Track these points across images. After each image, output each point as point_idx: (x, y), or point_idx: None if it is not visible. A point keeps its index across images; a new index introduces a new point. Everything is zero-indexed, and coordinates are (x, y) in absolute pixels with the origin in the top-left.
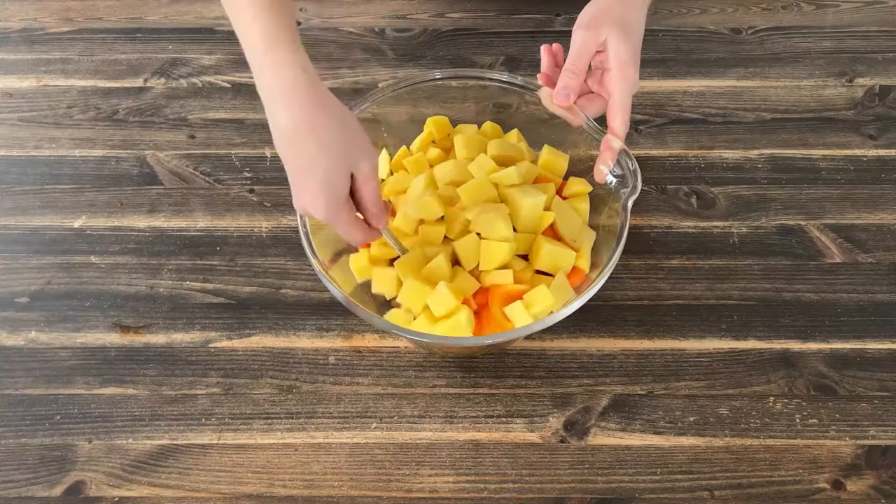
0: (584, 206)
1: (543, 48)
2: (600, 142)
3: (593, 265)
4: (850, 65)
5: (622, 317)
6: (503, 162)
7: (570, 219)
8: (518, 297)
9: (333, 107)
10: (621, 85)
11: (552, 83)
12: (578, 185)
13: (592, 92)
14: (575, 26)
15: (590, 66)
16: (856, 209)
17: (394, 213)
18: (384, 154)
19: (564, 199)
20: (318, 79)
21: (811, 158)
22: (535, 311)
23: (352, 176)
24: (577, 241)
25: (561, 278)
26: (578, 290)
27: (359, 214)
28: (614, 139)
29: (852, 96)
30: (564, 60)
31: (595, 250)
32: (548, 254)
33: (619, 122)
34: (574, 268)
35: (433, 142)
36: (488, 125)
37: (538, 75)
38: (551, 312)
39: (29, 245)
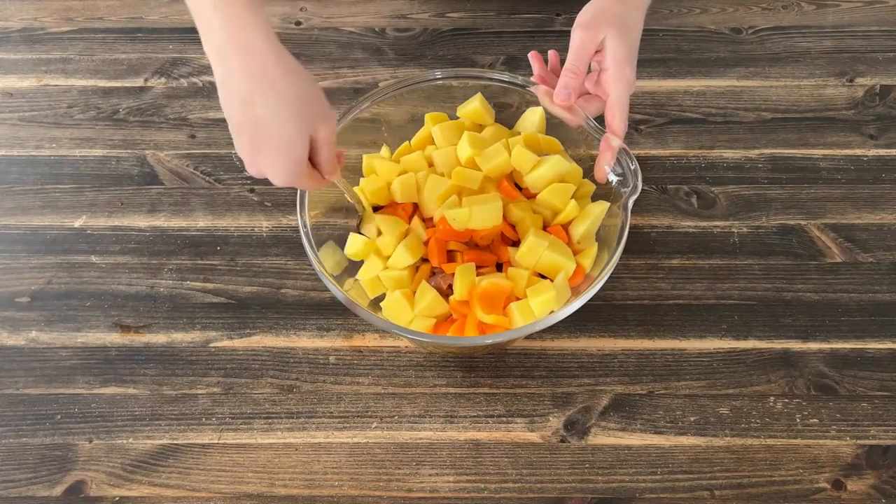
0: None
1: (531, 55)
2: (600, 141)
3: (593, 265)
4: (851, 64)
5: (622, 316)
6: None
7: (580, 220)
8: (502, 296)
9: (293, 68)
10: (618, 84)
11: (547, 82)
12: (581, 186)
13: (590, 93)
14: (574, 26)
15: (590, 68)
16: (856, 209)
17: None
18: (385, 151)
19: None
20: (276, 38)
21: (811, 158)
22: (537, 301)
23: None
24: (582, 243)
25: (562, 278)
26: (578, 290)
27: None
28: (614, 138)
29: (853, 96)
30: (563, 64)
31: None
32: (548, 260)
33: (617, 121)
34: (576, 267)
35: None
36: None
37: (533, 77)
38: (551, 312)
39: (29, 245)
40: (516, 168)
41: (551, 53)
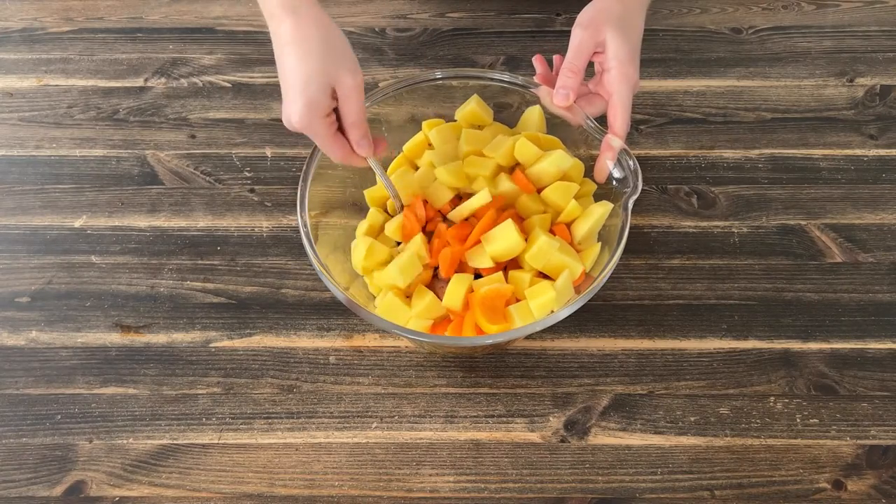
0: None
1: (535, 59)
2: (601, 141)
3: (594, 265)
4: (851, 64)
5: (623, 316)
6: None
7: (582, 219)
8: (502, 300)
9: (321, 23)
10: (621, 84)
11: (550, 83)
12: (582, 185)
13: (592, 93)
14: (574, 26)
15: (591, 67)
16: (856, 209)
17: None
18: None
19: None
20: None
21: (812, 158)
22: (536, 302)
23: (336, 94)
24: (583, 244)
25: (565, 279)
26: (579, 290)
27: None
28: (615, 139)
29: (853, 96)
30: None
31: None
32: (556, 261)
33: (619, 121)
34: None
35: (429, 144)
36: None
37: (535, 76)
38: (551, 311)
39: (30, 245)
40: (519, 160)
41: (556, 58)
